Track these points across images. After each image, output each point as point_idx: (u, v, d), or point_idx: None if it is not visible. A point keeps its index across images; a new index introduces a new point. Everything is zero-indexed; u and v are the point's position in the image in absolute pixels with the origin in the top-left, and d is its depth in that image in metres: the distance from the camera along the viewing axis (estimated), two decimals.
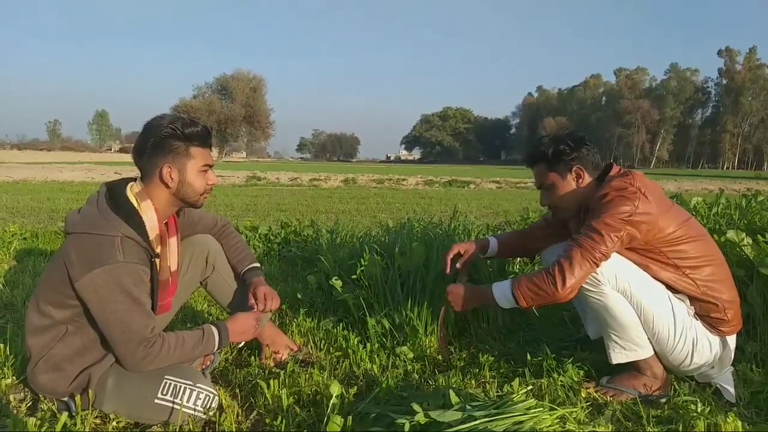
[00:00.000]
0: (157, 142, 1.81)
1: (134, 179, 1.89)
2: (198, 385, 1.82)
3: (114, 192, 1.83)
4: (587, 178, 2.12)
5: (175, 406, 1.76)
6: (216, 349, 1.91)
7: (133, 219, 1.77)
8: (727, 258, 2.11)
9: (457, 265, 2.41)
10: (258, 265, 2.31)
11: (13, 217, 7.69)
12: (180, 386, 1.79)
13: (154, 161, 1.82)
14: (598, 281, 1.94)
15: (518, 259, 3.33)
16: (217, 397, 1.88)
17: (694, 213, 3.57)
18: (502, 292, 2.05)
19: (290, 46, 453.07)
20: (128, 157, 2.02)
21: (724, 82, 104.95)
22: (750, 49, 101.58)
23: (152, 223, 1.82)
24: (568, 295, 1.91)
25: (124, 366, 1.76)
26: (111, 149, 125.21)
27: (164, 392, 1.77)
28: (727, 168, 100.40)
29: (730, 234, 2.45)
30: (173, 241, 1.98)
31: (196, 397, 1.80)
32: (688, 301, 2.01)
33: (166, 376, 1.79)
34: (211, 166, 1.92)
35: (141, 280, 1.76)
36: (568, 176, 2.12)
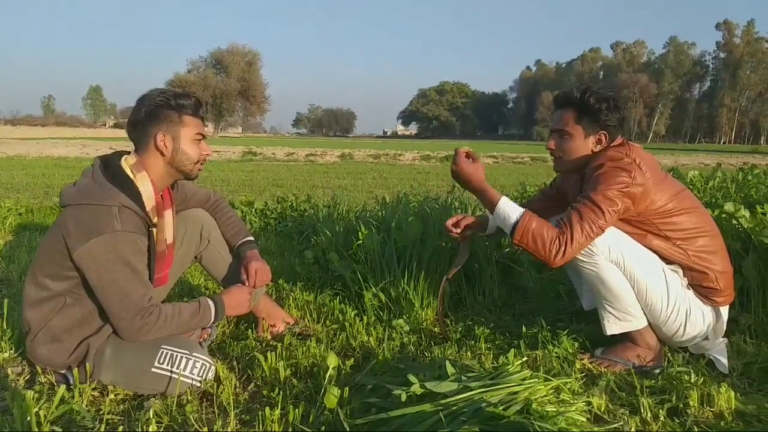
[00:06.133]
0: (149, 112, 1.83)
1: (128, 152, 1.89)
2: (194, 354, 1.83)
3: (109, 164, 1.83)
4: (603, 146, 2.06)
5: (173, 375, 1.78)
6: (212, 321, 1.93)
7: (130, 189, 1.78)
8: (723, 231, 2.11)
9: (457, 230, 2.32)
10: (252, 238, 2.31)
11: (8, 192, 7.65)
12: (177, 355, 1.80)
13: (147, 130, 1.84)
14: (592, 252, 1.94)
15: None
16: (213, 367, 1.89)
17: (690, 187, 3.57)
18: (506, 212, 1.95)
19: (286, 20, 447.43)
20: (123, 133, 2.03)
21: (722, 55, 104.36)
22: (748, 22, 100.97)
23: (148, 194, 1.83)
24: (560, 263, 1.90)
25: (121, 336, 1.78)
26: (105, 125, 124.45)
27: (161, 361, 1.78)
28: (724, 142, 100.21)
29: (727, 206, 2.45)
30: (168, 214, 1.97)
31: (193, 366, 1.81)
32: (681, 272, 2.02)
33: (162, 346, 1.80)
34: (204, 137, 1.95)
35: (139, 249, 1.77)
36: (590, 137, 2.05)
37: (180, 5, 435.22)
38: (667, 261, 2.01)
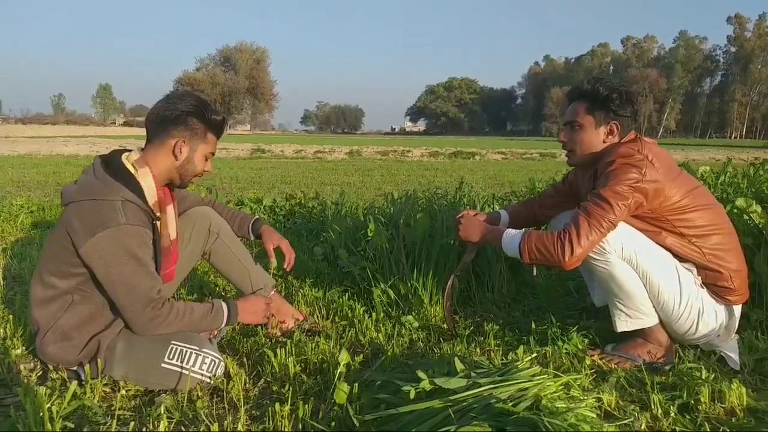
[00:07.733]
0: (180, 116, 1.85)
1: (129, 150, 1.90)
2: (204, 350, 1.84)
3: (110, 161, 1.85)
4: (615, 139, 2.06)
5: (182, 371, 1.79)
6: (224, 325, 1.95)
7: (132, 184, 1.79)
8: (735, 226, 2.09)
9: None
10: (258, 216, 2.43)
11: (20, 190, 7.71)
12: (186, 351, 1.81)
13: (171, 131, 1.86)
14: (605, 250, 1.92)
15: None
16: (223, 363, 1.90)
17: (701, 182, 3.54)
18: (510, 239, 2.04)
19: (294, 17, 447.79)
20: (133, 131, 2.06)
21: (733, 50, 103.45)
22: (760, 15, 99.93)
23: (150, 190, 1.84)
24: (575, 263, 1.90)
25: (133, 329, 1.79)
26: (115, 122, 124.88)
27: (171, 357, 1.80)
28: (735, 137, 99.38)
29: (739, 201, 2.44)
30: (170, 209, 1.99)
31: (202, 362, 1.82)
32: (695, 271, 2.00)
33: (172, 341, 1.81)
34: (213, 155, 2.00)
35: (144, 242, 1.78)
36: (601, 127, 2.05)
37: (189, 3, 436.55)
38: (681, 259, 1.99)
